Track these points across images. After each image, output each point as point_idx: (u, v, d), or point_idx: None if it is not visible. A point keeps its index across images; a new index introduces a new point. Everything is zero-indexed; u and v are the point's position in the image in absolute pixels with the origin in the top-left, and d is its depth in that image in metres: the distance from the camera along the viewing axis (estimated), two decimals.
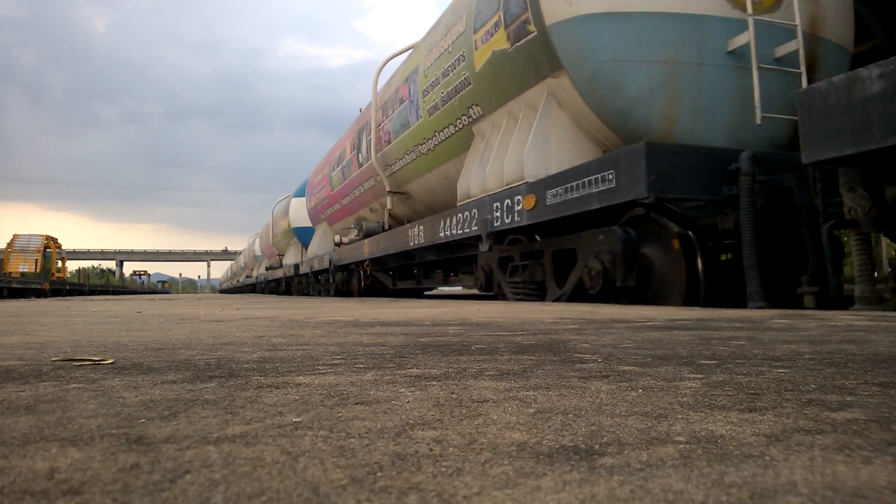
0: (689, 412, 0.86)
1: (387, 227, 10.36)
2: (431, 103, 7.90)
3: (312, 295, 15.58)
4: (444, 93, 7.48)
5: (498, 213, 6.00)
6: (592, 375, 1.20)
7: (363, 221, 11.33)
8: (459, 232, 6.98)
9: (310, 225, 17.41)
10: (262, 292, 26.49)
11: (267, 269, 25.82)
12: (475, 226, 6.59)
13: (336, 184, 13.54)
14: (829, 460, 0.63)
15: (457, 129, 7.44)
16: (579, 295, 5.40)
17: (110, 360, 1.50)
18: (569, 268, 5.57)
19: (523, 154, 5.82)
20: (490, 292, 7.01)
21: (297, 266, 18.03)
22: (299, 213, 18.89)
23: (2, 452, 0.68)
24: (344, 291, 13.12)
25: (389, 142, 9.66)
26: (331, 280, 13.36)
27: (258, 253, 30.38)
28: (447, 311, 3.93)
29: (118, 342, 2.01)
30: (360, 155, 11.35)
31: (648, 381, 1.13)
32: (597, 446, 0.69)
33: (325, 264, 13.49)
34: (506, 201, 5.89)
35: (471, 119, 7.09)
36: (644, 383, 1.10)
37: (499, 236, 6.50)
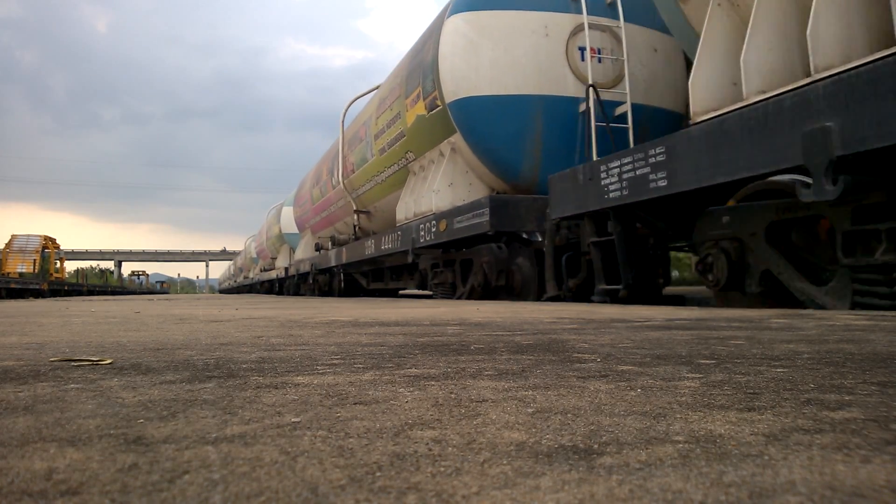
0: (687, 412, 0.86)
1: (356, 238, 12.27)
2: (380, 146, 10.17)
3: (300, 295, 17.05)
4: (388, 140, 9.77)
5: (423, 233, 8.11)
6: (591, 375, 1.20)
7: (336, 234, 13.53)
8: (391, 247, 9.35)
9: (297, 232, 19.48)
10: (258, 292, 28.07)
11: (262, 270, 27.72)
12: (400, 244, 8.93)
13: (316, 199, 15.83)
14: (828, 459, 0.63)
15: (399, 167, 9.68)
16: (472, 293, 7.27)
17: (109, 361, 1.50)
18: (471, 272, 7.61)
19: (432, 191, 7.90)
20: (426, 290, 9.15)
21: (286, 269, 19.82)
22: (289, 221, 20.74)
23: (0, 453, 0.68)
24: (326, 291, 14.91)
25: (353, 171, 11.89)
26: (310, 282, 15.55)
27: (254, 255, 32.59)
28: (446, 311, 3.93)
29: (116, 342, 2.01)
30: (332, 178, 13.51)
31: (647, 380, 1.13)
32: (596, 446, 0.69)
33: (308, 268, 15.61)
34: (425, 224, 7.97)
35: (407, 161, 9.30)
36: (643, 383, 1.10)
37: (432, 248, 8.15)
